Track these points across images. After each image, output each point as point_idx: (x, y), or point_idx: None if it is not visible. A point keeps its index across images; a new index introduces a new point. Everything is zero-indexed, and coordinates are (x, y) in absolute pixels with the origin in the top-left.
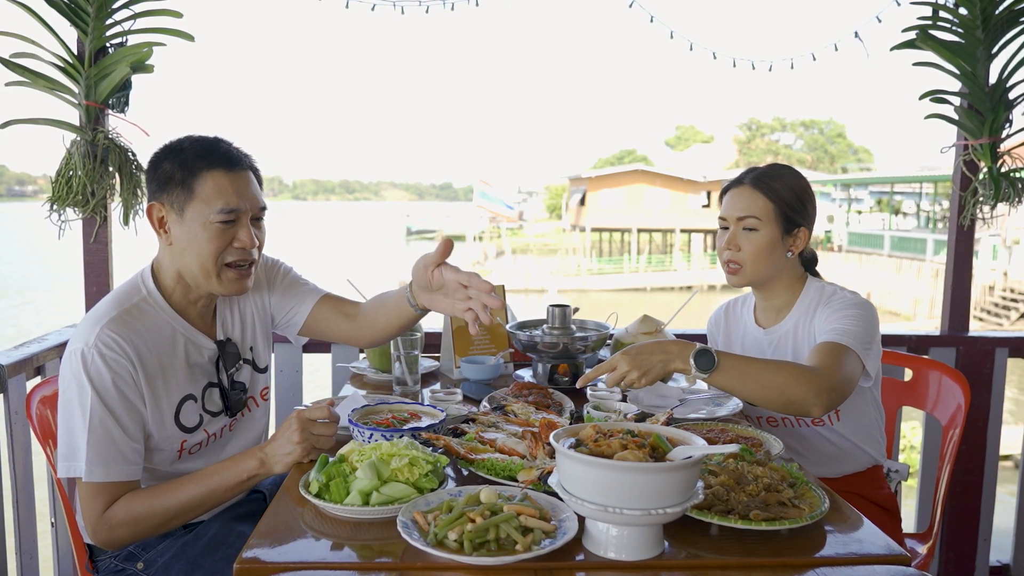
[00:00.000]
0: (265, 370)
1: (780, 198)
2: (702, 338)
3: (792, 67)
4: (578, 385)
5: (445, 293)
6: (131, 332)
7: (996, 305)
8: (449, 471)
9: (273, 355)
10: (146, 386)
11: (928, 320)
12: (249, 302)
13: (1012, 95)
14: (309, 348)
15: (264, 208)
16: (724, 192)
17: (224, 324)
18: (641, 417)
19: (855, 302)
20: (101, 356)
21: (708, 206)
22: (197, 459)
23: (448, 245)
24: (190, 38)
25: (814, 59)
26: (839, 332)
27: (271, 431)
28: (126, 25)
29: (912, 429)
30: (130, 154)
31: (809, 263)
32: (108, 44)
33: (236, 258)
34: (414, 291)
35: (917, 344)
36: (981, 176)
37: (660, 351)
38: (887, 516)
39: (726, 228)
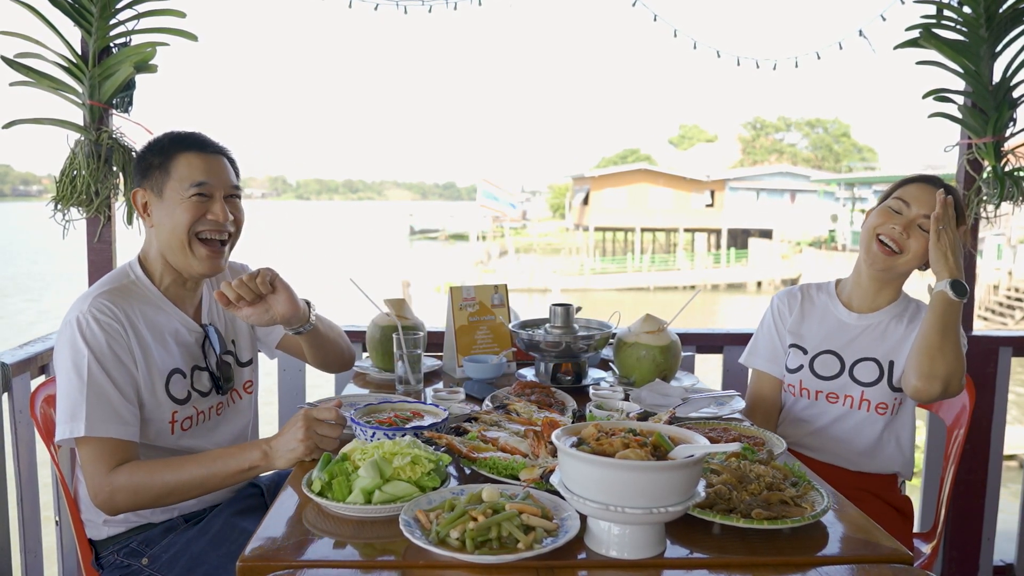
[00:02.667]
0: (247, 364)
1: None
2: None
3: (796, 66)
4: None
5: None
6: (124, 303)
7: (1000, 304)
8: (451, 470)
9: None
10: (138, 349)
11: None
12: None
13: (1016, 94)
14: None
15: (237, 187)
16: (910, 180)
17: (209, 312)
18: (643, 416)
19: None
20: (96, 320)
21: (712, 205)
22: (191, 438)
23: (220, 295)
24: (194, 38)
25: (818, 58)
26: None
27: (260, 427)
28: (130, 25)
29: (916, 429)
30: (134, 154)
31: None
32: (112, 44)
33: (209, 229)
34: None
35: None
36: (985, 175)
37: None
38: (900, 518)
39: (897, 212)
